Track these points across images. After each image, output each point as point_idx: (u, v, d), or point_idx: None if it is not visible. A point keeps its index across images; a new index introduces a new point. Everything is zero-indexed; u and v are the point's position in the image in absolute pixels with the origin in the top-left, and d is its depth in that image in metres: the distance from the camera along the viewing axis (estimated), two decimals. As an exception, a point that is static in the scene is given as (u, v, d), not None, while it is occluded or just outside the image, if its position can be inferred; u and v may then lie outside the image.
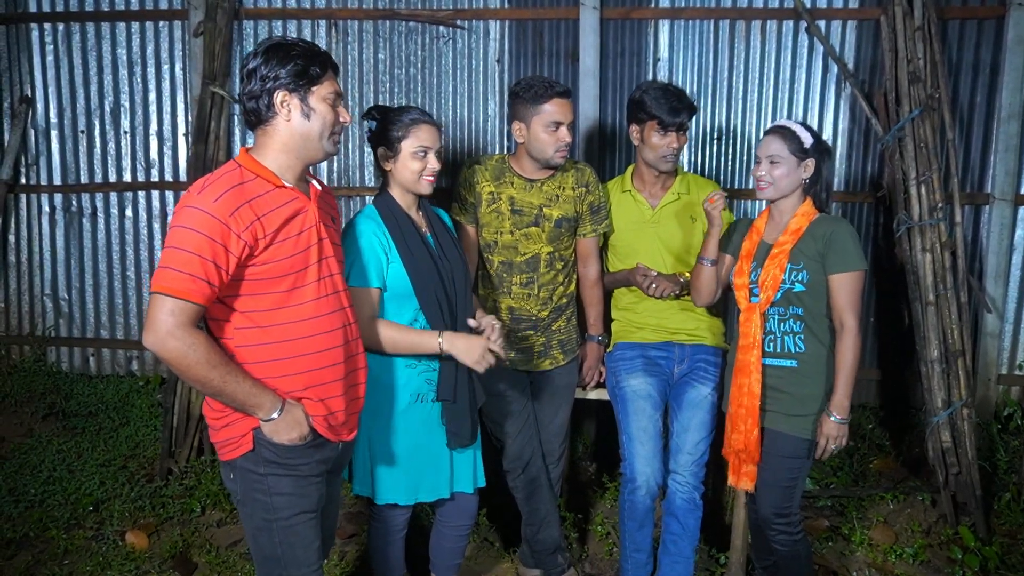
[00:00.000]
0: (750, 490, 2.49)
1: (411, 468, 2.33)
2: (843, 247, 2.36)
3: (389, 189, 2.36)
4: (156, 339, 1.68)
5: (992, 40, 3.43)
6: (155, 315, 1.68)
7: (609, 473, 3.48)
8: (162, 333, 1.68)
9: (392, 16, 3.66)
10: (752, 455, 2.43)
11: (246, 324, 1.82)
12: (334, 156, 2.79)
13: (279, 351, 1.84)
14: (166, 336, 1.68)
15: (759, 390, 2.41)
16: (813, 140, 2.41)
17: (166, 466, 3.44)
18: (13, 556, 2.96)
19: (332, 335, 1.90)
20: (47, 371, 4.11)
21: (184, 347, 1.68)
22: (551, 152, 2.60)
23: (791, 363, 2.42)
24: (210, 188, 1.75)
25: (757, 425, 2.42)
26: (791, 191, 2.44)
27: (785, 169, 2.41)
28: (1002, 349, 3.62)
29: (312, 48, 1.87)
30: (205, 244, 1.69)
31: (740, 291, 2.49)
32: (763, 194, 2.45)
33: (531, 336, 2.74)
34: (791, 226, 2.43)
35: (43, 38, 3.94)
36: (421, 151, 2.28)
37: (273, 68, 1.81)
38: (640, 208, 2.83)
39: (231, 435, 1.86)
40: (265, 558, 1.92)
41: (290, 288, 1.83)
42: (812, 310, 2.40)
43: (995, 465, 3.34)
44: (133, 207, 4.02)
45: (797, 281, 2.39)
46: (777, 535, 2.48)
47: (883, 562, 2.96)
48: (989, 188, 3.52)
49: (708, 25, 3.56)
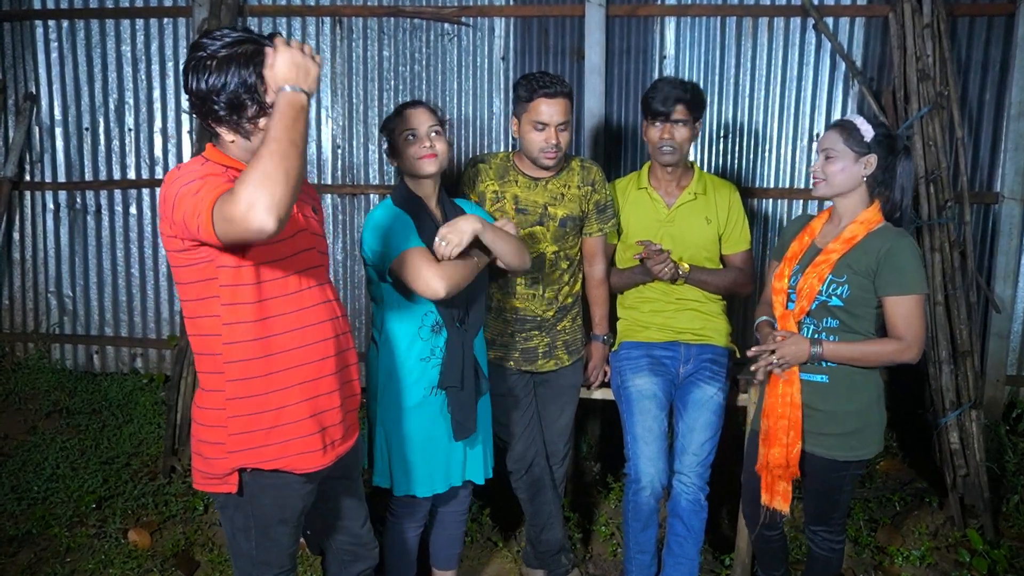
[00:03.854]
0: (785, 512, 2.36)
1: (427, 460, 2.35)
2: (900, 266, 2.12)
3: (403, 182, 2.40)
4: (238, 212, 1.49)
5: (1002, 37, 3.40)
6: (218, 213, 1.53)
7: (613, 473, 3.46)
8: (240, 214, 1.49)
9: (397, 13, 3.65)
10: (793, 471, 2.28)
11: (232, 319, 1.74)
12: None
13: (265, 347, 1.77)
14: (240, 206, 1.49)
15: (800, 400, 2.24)
16: (875, 134, 2.19)
17: (169, 464, 3.43)
18: (15, 553, 2.96)
19: (319, 328, 1.84)
20: (51, 368, 4.11)
21: (245, 198, 1.49)
22: (536, 152, 2.54)
23: (822, 378, 2.25)
24: (187, 165, 1.71)
25: (800, 440, 2.25)
26: (848, 189, 2.23)
27: (840, 164, 2.20)
28: (1011, 350, 3.59)
29: (231, 57, 1.67)
30: (209, 177, 1.64)
31: (778, 296, 2.33)
32: (816, 190, 2.26)
33: (536, 336, 2.72)
34: (845, 233, 2.22)
35: (48, 35, 3.94)
36: (409, 134, 2.30)
37: (209, 95, 1.67)
38: (656, 207, 2.80)
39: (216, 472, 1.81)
40: (240, 554, 1.92)
41: (269, 279, 1.76)
42: (849, 325, 2.21)
43: (1003, 467, 3.31)
44: (137, 204, 4.02)
45: (835, 295, 2.20)
46: (816, 537, 2.41)
47: (890, 564, 2.94)
48: (998, 187, 3.49)
49: (715, 22, 3.53)
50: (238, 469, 1.80)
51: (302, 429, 1.82)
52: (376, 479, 2.39)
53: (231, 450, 1.79)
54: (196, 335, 1.81)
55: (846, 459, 2.26)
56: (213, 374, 1.79)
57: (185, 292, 1.78)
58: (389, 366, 2.31)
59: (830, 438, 2.26)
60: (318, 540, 2.19)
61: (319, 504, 2.03)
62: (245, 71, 1.68)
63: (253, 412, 1.78)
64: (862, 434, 2.26)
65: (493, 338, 2.70)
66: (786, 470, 2.29)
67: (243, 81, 1.68)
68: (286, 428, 1.81)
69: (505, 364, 2.70)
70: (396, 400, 2.31)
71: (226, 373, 1.77)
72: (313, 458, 1.85)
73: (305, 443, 1.83)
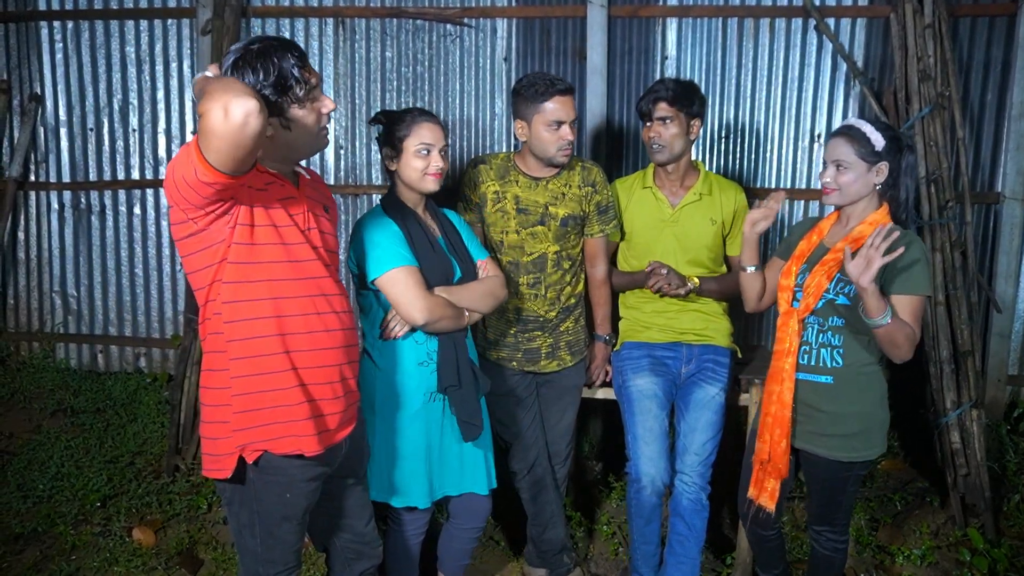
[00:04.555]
0: (770, 509, 2.37)
1: (427, 469, 2.33)
2: (907, 267, 2.12)
3: (396, 190, 2.38)
4: (222, 106, 1.53)
5: (1003, 37, 3.40)
6: (202, 127, 1.56)
7: (615, 472, 3.47)
8: (222, 110, 1.53)
9: (399, 14, 3.66)
10: (778, 469, 2.30)
11: (234, 317, 1.77)
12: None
13: (270, 346, 1.80)
14: (223, 104, 1.53)
15: (790, 399, 2.26)
16: (886, 141, 2.18)
17: (173, 463, 3.44)
18: (21, 551, 2.98)
19: (329, 332, 1.88)
20: (55, 368, 4.13)
21: None
22: (553, 151, 2.57)
23: (826, 379, 2.25)
24: None
25: (785, 438, 2.27)
26: (861, 197, 2.23)
27: (853, 175, 2.19)
28: (1012, 350, 3.59)
29: (272, 53, 1.73)
30: None
31: (783, 293, 2.32)
32: (828, 199, 2.25)
33: (539, 337, 2.73)
34: (854, 233, 2.21)
35: (52, 36, 3.96)
36: (424, 148, 2.29)
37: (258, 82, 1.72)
38: (660, 206, 2.80)
39: (219, 458, 1.83)
40: (246, 551, 1.93)
41: (279, 278, 1.79)
42: (854, 325, 2.20)
43: (1004, 467, 3.32)
44: (141, 204, 4.04)
45: (842, 293, 2.21)
46: (819, 536, 2.41)
47: (891, 564, 2.94)
48: (1000, 187, 3.49)
49: (716, 23, 3.54)
50: (241, 453, 1.81)
51: (302, 412, 1.84)
52: (373, 494, 2.31)
53: (236, 428, 1.81)
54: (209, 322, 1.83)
55: (849, 460, 2.26)
56: (217, 353, 1.83)
57: (197, 280, 1.81)
58: (387, 374, 2.29)
59: (833, 439, 2.26)
60: (322, 538, 2.20)
61: (324, 503, 2.04)
62: (284, 60, 1.74)
63: (257, 391, 1.81)
64: (865, 435, 2.26)
65: (496, 339, 2.71)
66: (769, 465, 2.30)
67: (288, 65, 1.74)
68: (291, 409, 1.83)
69: (508, 365, 2.71)
70: (396, 408, 2.29)
71: (229, 351, 1.79)
72: (312, 441, 1.85)
73: (305, 426, 1.84)
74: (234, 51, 1.78)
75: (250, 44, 1.78)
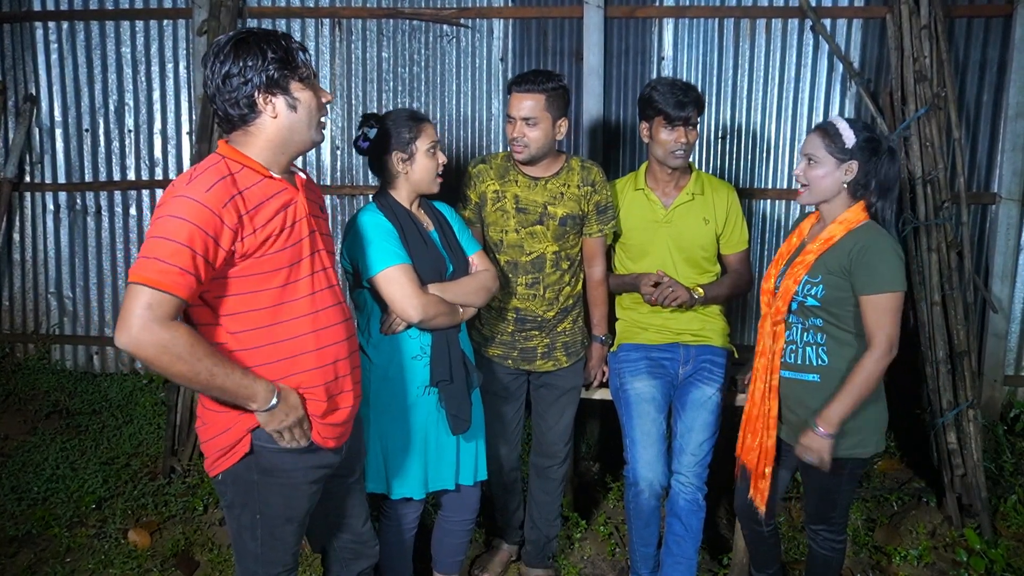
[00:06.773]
0: (761, 510, 2.40)
1: (422, 460, 2.36)
2: (871, 265, 2.11)
3: (391, 191, 2.37)
4: (129, 337, 1.55)
5: (999, 38, 3.41)
6: (130, 308, 1.55)
7: (613, 473, 3.47)
8: (135, 329, 1.54)
9: (396, 15, 3.66)
10: (761, 468, 2.33)
11: (240, 327, 1.76)
12: (321, 144, 2.76)
13: (278, 352, 1.79)
14: (140, 331, 1.54)
15: (776, 403, 2.29)
16: (857, 140, 2.18)
17: (169, 464, 3.44)
18: (16, 554, 2.97)
19: (333, 330, 1.87)
20: (51, 369, 4.12)
21: (163, 342, 1.56)
22: (511, 144, 2.59)
23: (813, 377, 2.25)
24: (200, 178, 1.67)
25: (772, 439, 2.30)
26: (831, 195, 2.23)
27: (822, 171, 2.20)
28: (1008, 350, 3.60)
29: (273, 34, 1.77)
30: (197, 235, 1.60)
31: (763, 296, 2.35)
32: (800, 199, 2.27)
33: (536, 337, 2.73)
34: (823, 234, 2.22)
35: (48, 36, 3.95)
36: (432, 148, 2.32)
37: (249, 67, 1.72)
38: (653, 207, 2.80)
39: (228, 442, 1.81)
40: (245, 552, 1.92)
41: (283, 284, 1.77)
42: (833, 323, 2.21)
43: (1001, 467, 3.32)
44: (137, 205, 4.03)
45: (809, 295, 2.21)
46: (817, 536, 2.41)
47: (888, 564, 2.94)
48: (996, 187, 3.50)
49: (713, 24, 3.54)
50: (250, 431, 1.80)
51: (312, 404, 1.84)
52: (370, 486, 2.34)
53: None
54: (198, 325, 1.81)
55: (840, 456, 2.25)
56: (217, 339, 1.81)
57: None
58: (382, 368, 2.31)
59: None
60: (320, 539, 2.20)
61: (323, 503, 2.04)
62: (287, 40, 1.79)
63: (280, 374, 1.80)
64: (857, 432, 2.26)
65: (492, 336, 2.71)
66: (757, 463, 2.33)
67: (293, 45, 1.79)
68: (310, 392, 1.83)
69: (503, 363, 2.71)
70: (391, 401, 2.31)
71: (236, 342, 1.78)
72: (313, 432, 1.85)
73: (313, 407, 1.84)
74: (233, 34, 1.77)
75: (246, 29, 1.79)
